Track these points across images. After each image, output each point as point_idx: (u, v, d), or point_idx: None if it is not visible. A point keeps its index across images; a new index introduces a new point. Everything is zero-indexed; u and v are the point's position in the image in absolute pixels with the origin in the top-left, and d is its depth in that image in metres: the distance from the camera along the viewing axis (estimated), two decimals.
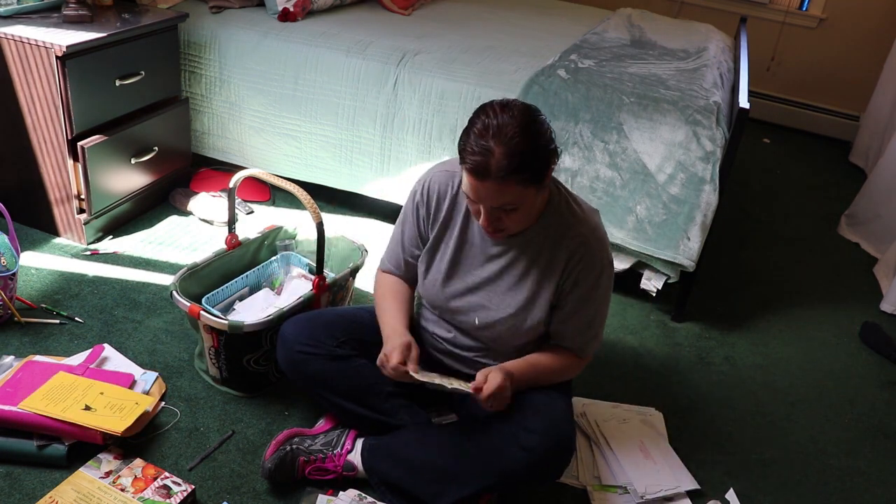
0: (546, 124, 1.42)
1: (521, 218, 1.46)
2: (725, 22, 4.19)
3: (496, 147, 1.34)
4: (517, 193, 1.38)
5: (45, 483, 1.56)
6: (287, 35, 2.64)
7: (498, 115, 1.36)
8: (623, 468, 1.78)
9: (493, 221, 1.45)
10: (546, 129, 1.41)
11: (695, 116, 2.28)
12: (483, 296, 1.59)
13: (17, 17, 2.25)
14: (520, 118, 1.36)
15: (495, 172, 1.34)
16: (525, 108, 1.39)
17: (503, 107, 1.38)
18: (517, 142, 1.34)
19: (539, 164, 1.38)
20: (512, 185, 1.36)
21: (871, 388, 2.27)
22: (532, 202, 1.44)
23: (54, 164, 2.30)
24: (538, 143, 1.37)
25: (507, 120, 1.35)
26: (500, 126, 1.35)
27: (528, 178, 1.37)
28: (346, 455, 1.64)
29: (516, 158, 1.34)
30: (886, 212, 3.01)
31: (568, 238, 1.52)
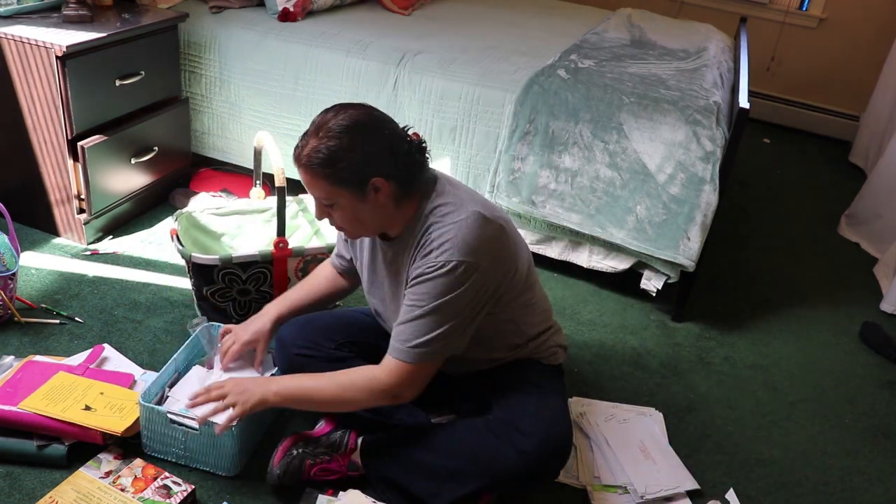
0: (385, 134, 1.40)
1: (348, 219, 1.45)
2: (725, 22, 4.18)
3: (311, 140, 1.38)
4: (326, 189, 1.40)
5: (45, 483, 1.56)
6: (287, 35, 2.64)
7: (329, 114, 1.39)
8: (623, 468, 1.78)
9: (322, 214, 1.47)
10: (379, 138, 1.39)
11: (695, 116, 2.28)
12: (386, 303, 1.62)
13: (17, 17, 2.25)
14: (349, 122, 1.37)
15: (300, 160, 1.39)
16: (362, 113, 1.40)
17: (341, 107, 1.40)
18: (328, 138, 1.36)
19: (348, 168, 1.37)
20: (316, 178, 1.39)
21: (871, 388, 2.27)
22: (353, 206, 1.42)
23: (54, 164, 2.30)
24: (356, 147, 1.36)
25: (334, 118, 1.38)
26: (325, 122, 1.38)
27: (332, 176, 1.37)
28: (350, 455, 1.64)
29: (320, 154, 1.36)
30: (886, 212, 3.01)
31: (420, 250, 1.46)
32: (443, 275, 1.40)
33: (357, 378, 1.50)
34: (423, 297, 1.42)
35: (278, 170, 1.94)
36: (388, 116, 1.46)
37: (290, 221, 2.29)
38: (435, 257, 1.41)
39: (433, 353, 1.45)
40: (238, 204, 2.25)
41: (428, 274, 1.42)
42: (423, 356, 1.45)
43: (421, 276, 1.43)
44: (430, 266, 1.42)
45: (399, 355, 1.46)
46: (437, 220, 1.45)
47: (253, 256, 1.96)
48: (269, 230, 2.26)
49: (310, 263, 2.04)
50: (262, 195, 2.28)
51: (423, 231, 1.46)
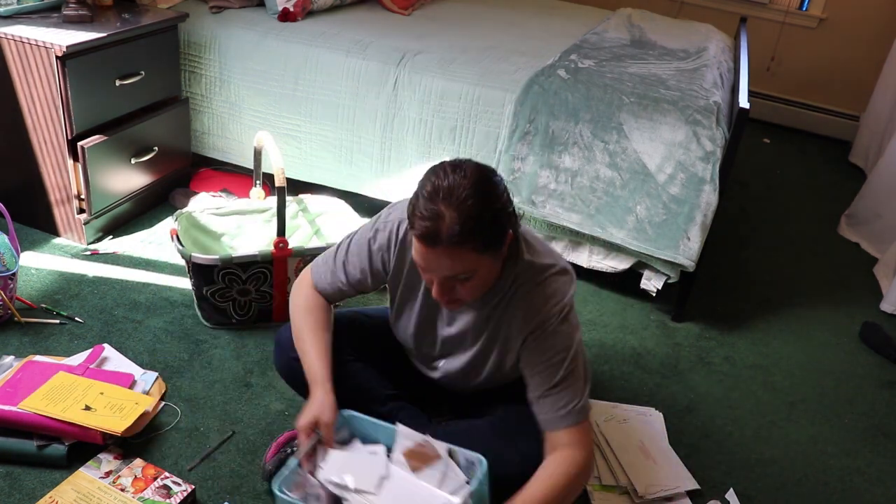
0: (502, 185, 1.31)
1: (477, 286, 1.35)
2: (725, 22, 4.18)
3: (447, 210, 1.22)
4: (472, 261, 1.28)
5: (45, 483, 1.56)
6: (287, 35, 2.64)
7: (449, 176, 1.25)
8: (623, 468, 1.78)
9: (446, 292, 1.34)
10: (502, 191, 1.30)
11: (695, 116, 2.28)
12: (445, 347, 1.59)
13: (17, 17, 2.25)
14: (472, 178, 1.25)
15: (447, 239, 1.23)
16: (478, 168, 1.28)
17: (455, 167, 1.27)
18: (470, 204, 1.22)
19: (495, 228, 1.28)
20: (465, 252, 1.26)
21: (871, 388, 2.27)
22: (489, 269, 1.34)
23: (54, 164, 2.30)
24: (494, 205, 1.27)
25: (459, 181, 1.24)
26: (452, 187, 1.23)
27: (484, 245, 1.27)
28: None
29: (470, 223, 1.22)
30: (886, 212, 3.01)
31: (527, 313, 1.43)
32: (562, 321, 1.42)
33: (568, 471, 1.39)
34: (559, 355, 1.41)
35: (278, 170, 1.94)
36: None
37: (290, 221, 2.29)
38: (550, 308, 1.41)
39: (588, 405, 1.45)
40: (238, 204, 2.25)
41: (548, 326, 1.42)
42: (587, 409, 1.44)
43: (542, 329, 1.42)
44: (550, 318, 1.41)
45: (574, 420, 1.41)
46: (538, 277, 1.43)
47: (253, 256, 1.96)
48: (269, 230, 2.26)
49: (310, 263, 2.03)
50: (262, 195, 2.28)
51: (523, 283, 1.43)
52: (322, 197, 2.33)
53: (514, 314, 1.45)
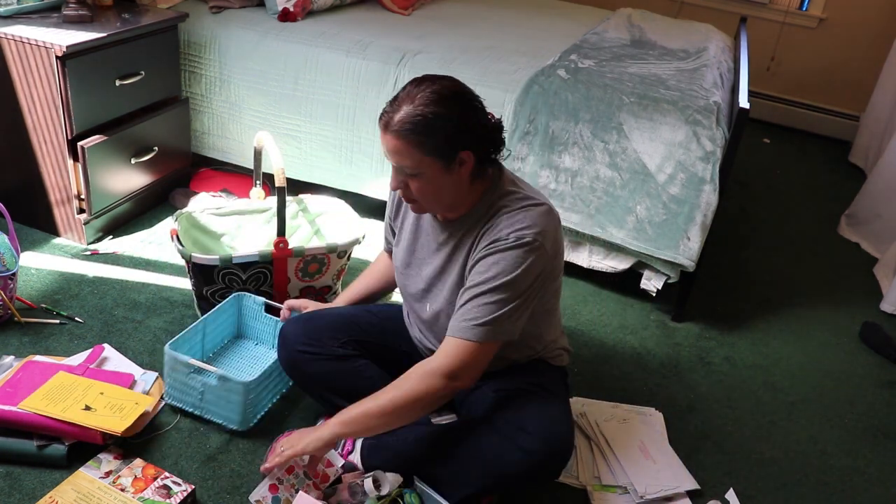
0: (471, 107, 1.39)
1: (426, 190, 1.42)
2: (725, 22, 4.18)
3: (403, 105, 1.36)
4: (414, 158, 1.37)
5: (45, 483, 1.56)
6: (287, 35, 2.64)
7: (424, 83, 1.38)
8: (623, 468, 1.78)
9: (399, 185, 1.45)
10: (468, 111, 1.38)
11: (695, 116, 2.28)
12: (430, 284, 1.60)
13: (17, 17, 2.25)
14: (440, 90, 1.36)
15: (393, 125, 1.36)
16: (453, 85, 1.39)
17: (434, 78, 1.39)
18: (423, 105, 1.34)
19: (440, 134, 1.35)
20: (407, 146, 1.36)
21: (871, 388, 2.27)
22: (437, 177, 1.40)
23: (54, 164, 2.30)
24: (447, 115, 1.35)
25: (428, 86, 1.37)
26: (419, 89, 1.37)
27: (424, 145, 1.36)
28: (346, 455, 1.64)
29: (414, 118, 1.34)
30: (886, 212, 3.01)
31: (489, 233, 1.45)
32: (513, 247, 1.40)
33: (411, 372, 1.44)
34: (491, 272, 1.41)
35: (278, 170, 1.94)
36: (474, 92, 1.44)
37: (290, 221, 2.29)
38: (507, 234, 1.42)
39: (496, 332, 1.41)
40: (238, 204, 2.25)
41: (498, 246, 1.41)
42: (486, 335, 1.40)
43: (491, 248, 1.42)
44: (501, 241, 1.42)
45: (462, 333, 1.41)
46: (510, 205, 1.46)
47: (253, 256, 1.96)
48: (269, 230, 2.26)
49: (310, 263, 2.04)
50: (262, 195, 2.28)
51: (495, 213, 1.46)
52: (322, 197, 2.33)
53: (485, 231, 1.47)
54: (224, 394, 1.71)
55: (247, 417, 1.74)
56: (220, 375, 1.69)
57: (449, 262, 1.54)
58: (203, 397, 1.73)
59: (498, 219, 1.45)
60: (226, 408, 1.72)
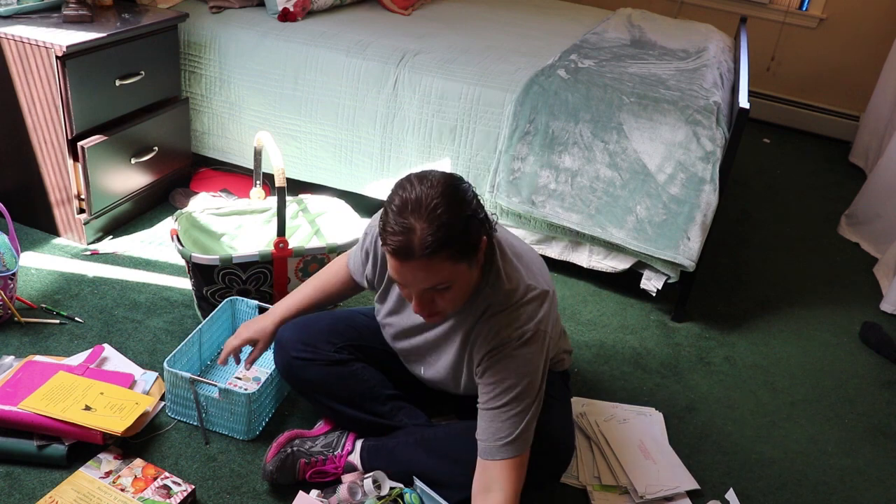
0: (471, 192, 1.29)
1: (457, 296, 1.34)
2: (725, 22, 4.19)
3: (417, 223, 1.21)
4: (447, 271, 1.26)
5: (45, 483, 1.56)
6: (287, 35, 2.64)
7: (416, 188, 1.24)
8: (623, 468, 1.78)
9: (425, 305, 1.33)
10: (471, 197, 1.28)
11: (695, 116, 2.28)
12: (425, 352, 1.58)
13: (17, 17, 2.25)
14: (440, 187, 1.24)
15: (419, 251, 1.22)
16: (445, 177, 1.27)
17: (420, 178, 1.26)
18: (440, 213, 1.21)
19: (468, 235, 1.26)
20: (440, 262, 1.24)
21: (871, 388, 2.27)
22: (467, 278, 1.32)
23: (54, 164, 2.30)
24: (464, 212, 1.25)
25: (426, 191, 1.23)
26: (420, 199, 1.22)
27: (458, 253, 1.25)
28: (346, 456, 1.64)
29: (441, 232, 1.21)
30: (886, 212, 3.01)
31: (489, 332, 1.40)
32: (520, 346, 1.37)
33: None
34: (507, 383, 1.37)
35: (278, 170, 1.94)
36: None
37: (290, 221, 2.29)
38: (509, 333, 1.38)
39: (530, 437, 1.41)
40: (238, 204, 2.25)
41: (505, 351, 1.38)
42: (523, 445, 1.40)
43: (499, 351, 1.38)
44: (508, 343, 1.38)
45: (510, 453, 1.38)
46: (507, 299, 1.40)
47: (253, 256, 1.96)
48: (269, 230, 2.26)
49: (310, 263, 2.04)
50: (262, 195, 2.28)
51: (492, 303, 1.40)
52: (322, 197, 2.33)
53: (480, 329, 1.42)
54: (227, 406, 1.71)
55: (252, 427, 1.74)
56: (223, 389, 1.69)
57: (446, 338, 1.51)
58: (206, 410, 1.73)
59: (497, 309, 1.40)
60: (230, 419, 1.73)
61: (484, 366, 1.41)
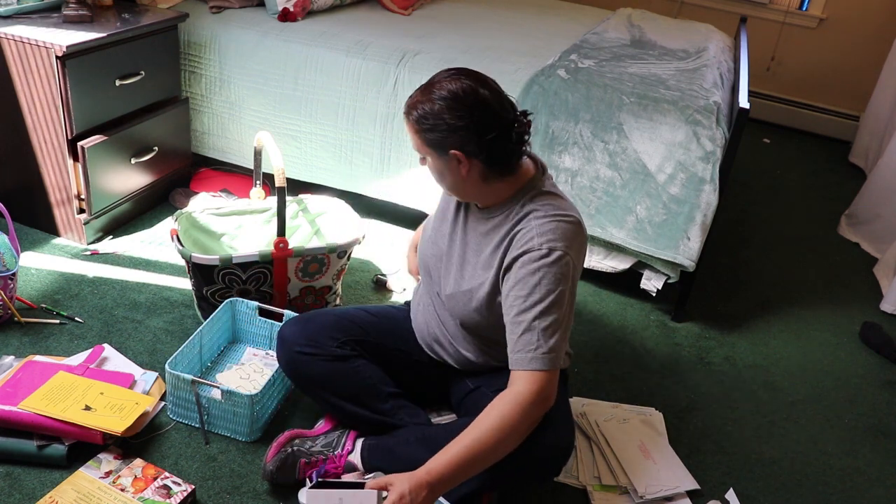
0: (471, 118, 1.41)
1: (435, 174, 1.51)
2: (725, 22, 4.19)
3: (419, 94, 1.45)
4: (417, 143, 1.47)
5: (45, 483, 1.56)
6: (287, 35, 2.64)
7: (445, 77, 1.44)
8: (623, 468, 1.78)
9: (422, 159, 1.52)
10: (474, 114, 1.41)
11: (695, 116, 2.28)
12: (444, 259, 1.63)
13: (17, 17, 2.25)
14: (451, 92, 1.41)
15: (406, 109, 1.47)
16: (468, 90, 1.41)
17: (459, 75, 1.44)
18: (429, 101, 1.42)
19: (436, 131, 1.42)
20: (412, 132, 1.47)
21: (871, 388, 2.27)
22: (437, 167, 1.48)
23: (54, 164, 2.30)
24: (448, 114, 1.40)
25: (446, 82, 1.43)
26: (437, 83, 1.44)
27: (421, 135, 1.45)
28: (346, 456, 1.64)
29: (418, 110, 1.43)
30: (886, 212, 3.01)
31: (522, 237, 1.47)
32: (549, 264, 1.42)
33: (503, 409, 1.40)
34: (535, 293, 1.42)
35: (278, 170, 1.94)
36: (496, 97, 1.45)
37: (290, 221, 2.29)
38: (539, 243, 1.43)
39: (560, 354, 1.44)
40: (238, 204, 2.25)
41: (533, 261, 1.43)
42: (555, 361, 1.43)
43: (524, 262, 1.44)
44: (534, 251, 1.43)
45: (536, 364, 1.41)
46: (540, 209, 1.48)
47: (253, 256, 1.96)
48: (269, 230, 2.26)
49: (310, 263, 2.04)
50: (262, 195, 2.28)
51: (524, 214, 1.48)
52: (322, 197, 2.33)
53: (521, 227, 1.48)
54: (230, 408, 1.70)
55: (254, 429, 1.74)
56: (226, 390, 1.68)
57: (473, 245, 1.57)
58: (208, 412, 1.73)
59: (528, 222, 1.47)
60: (233, 421, 1.72)
61: (513, 273, 1.46)
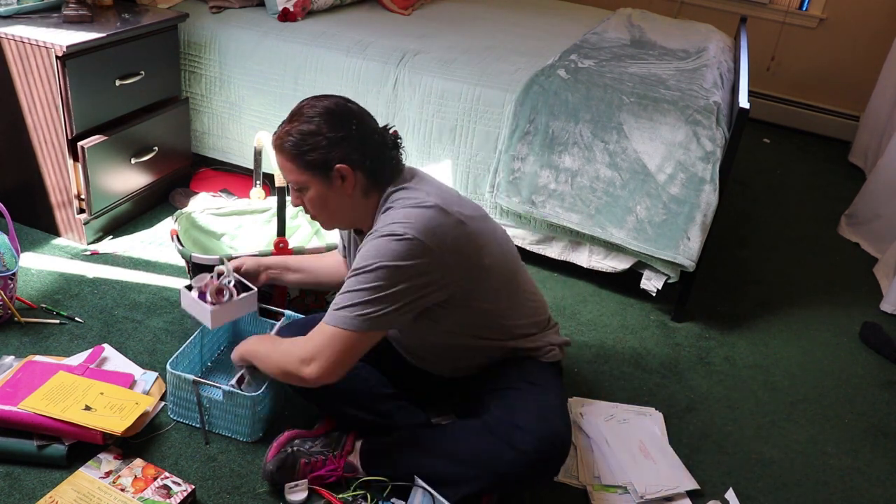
0: (352, 125, 1.44)
1: (317, 206, 1.50)
2: (725, 22, 4.19)
3: (286, 124, 1.46)
4: (295, 174, 1.46)
5: (45, 483, 1.56)
6: (287, 35, 2.64)
7: (309, 102, 1.47)
8: (623, 468, 1.78)
9: (296, 200, 1.53)
10: (348, 128, 1.43)
11: (695, 116, 2.28)
12: None
13: (17, 17, 2.25)
14: (321, 109, 1.44)
15: (275, 143, 1.47)
16: (336, 105, 1.45)
17: (320, 98, 1.47)
18: (300, 122, 1.43)
19: (315, 152, 1.42)
20: (287, 162, 1.46)
21: (871, 388, 2.27)
22: (321, 193, 1.47)
23: (54, 164, 2.30)
24: (322, 134, 1.42)
25: (311, 106, 1.45)
26: (301, 109, 1.46)
27: (300, 160, 1.43)
28: (346, 456, 1.64)
29: (291, 137, 1.43)
30: (886, 212, 3.01)
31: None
32: (390, 240, 1.39)
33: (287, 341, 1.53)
34: (362, 260, 1.42)
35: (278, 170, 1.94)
36: (364, 110, 1.51)
37: (290, 221, 2.29)
38: (379, 227, 1.44)
39: (361, 321, 1.40)
40: (238, 204, 2.25)
41: (373, 236, 1.43)
42: (347, 322, 1.40)
43: (367, 240, 1.44)
44: (378, 232, 1.42)
45: (330, 319, 1.43)
46: (392, 204, 1.47)
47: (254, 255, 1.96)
48: (269, 230, 2.26)
49: None
50: (262, 195, 2.28)
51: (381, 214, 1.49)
52: None
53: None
54: (231, 408, 1.70)
55: (255, 429, 1.73)
56: (228, 391, 1.68)
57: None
58: (209, 413, 1.73)
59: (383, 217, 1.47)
60: (234, 421, 1.72)
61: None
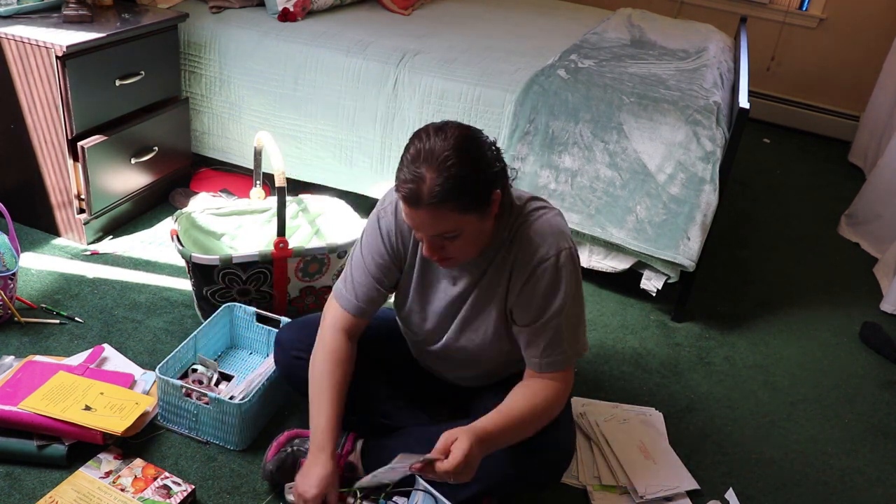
0: (487, 145, 1.34)
1: (466, 245, 1.38)
2: (725, 22, 4.19)
3: (428, 172, 1.26)
4: (454, 221, 1.31)
5: (45, 483, 1.56)
6: (287, 35, 2.64)
7: (431, 139, 1.29)
8: (623, 468, 1.78)
9: (436, 250, 1.38)
10: (486, 150, 1.33)
11: (695, 116, 2.28)
12: (434, 318, 1.57)
13: (17, 17, 2.25)
14: (454, 141, 1.28)
15: (427, 200, 1.27)
16: (461, 130, 1.31)
17: (437, 130, 1.31)
18: (450, 165, 1.26)
19: (479, 188, 1.30)
20: (447, 212, 1.29)
21: (871, 388, 2.27)
22: (476, 228, 1.36)
23: (54, 164, 2.30)
24: (476, 165, 1.30)
25: (440, 143, 1.28)
26: (433, 149, 1.27)
27: (466, 205, 1.30)
28: (346, 456, 1.64)
29: (450, 184, 1.26)
30: (886, 212, 3.01)
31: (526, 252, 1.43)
32: (559, 267, 1.42)
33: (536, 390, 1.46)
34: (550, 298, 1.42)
35: (278, 170, 1.94)
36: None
37: (290, 221, 2.29)
38: (546, 251, 1.42)
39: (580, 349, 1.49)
40: (238, 204, 2.25)
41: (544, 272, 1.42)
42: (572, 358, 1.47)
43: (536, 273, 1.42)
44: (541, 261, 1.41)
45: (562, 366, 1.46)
46: (527, 219, 1.45)
47: (253, 257, 1.96)
48: (269, 230, 2.26)
49: (310, 263, 2.04)
50: (262, 195, 2.28)
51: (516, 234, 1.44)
52: (322, 197, 2.33)
53: (515, 257, 1.45)
54: (219, 415, 1.69)
55: (244, 437, 1.72)
56: (214, 398, 1.66)
57: (481, 298, 1.51)
58: (198, 419, 1.71)
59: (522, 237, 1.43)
60: (221, 429, 1.70)
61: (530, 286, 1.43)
